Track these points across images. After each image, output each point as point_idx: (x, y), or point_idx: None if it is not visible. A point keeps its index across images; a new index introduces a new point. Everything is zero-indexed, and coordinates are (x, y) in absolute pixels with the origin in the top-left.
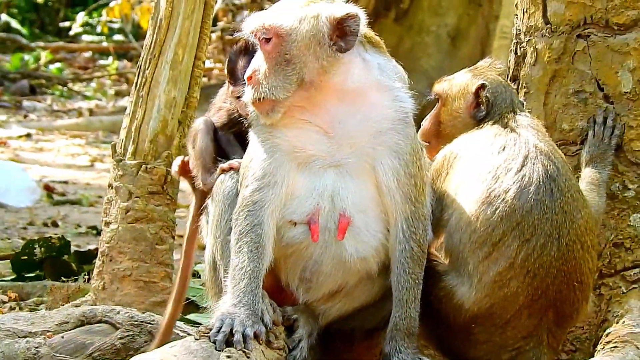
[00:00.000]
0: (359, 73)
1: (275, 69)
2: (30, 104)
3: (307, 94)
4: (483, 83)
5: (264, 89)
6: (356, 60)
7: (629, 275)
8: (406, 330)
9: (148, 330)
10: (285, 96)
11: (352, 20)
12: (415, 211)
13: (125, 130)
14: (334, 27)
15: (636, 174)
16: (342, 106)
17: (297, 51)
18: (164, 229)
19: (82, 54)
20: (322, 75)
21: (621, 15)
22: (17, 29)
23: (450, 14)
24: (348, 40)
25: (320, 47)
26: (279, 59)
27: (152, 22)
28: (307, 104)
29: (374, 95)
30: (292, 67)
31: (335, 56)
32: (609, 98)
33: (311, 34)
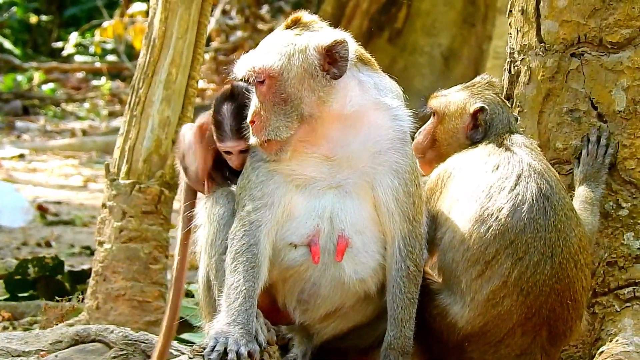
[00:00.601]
0: (357, 95)
1: (275, 110)
2: (24, 124)
3: (309, 127)
4: (482, 106)
5: (268, 132)
6: (352, 83)
7: (623, 294)
8: (400, 349)
9: (142, 349)
10: (289, 135)
11: (341, 46)
12: (412, 230)
13: (119, 149)
14: (324, 56)
15: (630, 193)
16: (343, 131)
17: (292, 89)
18: (158, 249)
19: (75, 74)
20: (321, 105)
21: (615, 34)
22: (10, 49)
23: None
24: (340, 67)
25: (314, 79)
26: (275, 99)
27: (145, 41)
28: (310, 137)
29: (373, 115)
30: (290, 105)
31: (331, 84)
32: (602, 117)
33: (302, 68)
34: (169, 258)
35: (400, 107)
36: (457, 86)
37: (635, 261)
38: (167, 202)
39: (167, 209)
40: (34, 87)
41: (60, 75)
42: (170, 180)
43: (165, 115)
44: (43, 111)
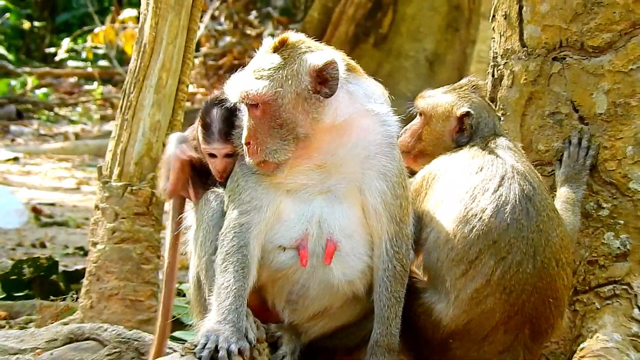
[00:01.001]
0: (347, 106)
1: (271, 133)
2: (18, 128)
3: (304, 144)
4: (468, 111)
5: (265, 154)
6: (341, 95)
7: (603, 291)
8: (387, 346)
9: (135, 347)
10: (287, 157)
11: (331, 67)
12: (399, 231)
13: (111, 153)
14: (315, 78)
15: (610, 194)
16: (333, 140)
17: (286, 114)
18: (150, 249)
19: (67, 79)
20: (315, 124)
21: (596, 38)
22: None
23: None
24: (331, 86)
25: (307, 102)
26: (271, 123)
27: (136, 47)
28: (304, 152)
29: (362, 122)
30: (285, 128)
31: (323, 103)
32: (583, 119)
33: (296, 93)
34: (160, 258)
35: (388, 112)
36: (444, 87)
37: (615, 260)
38: (158, 204)
39: (159, 211)
40: (28, 92)
41: (53, 80)
42: None
43: (156, 119)
44: (36, 115)
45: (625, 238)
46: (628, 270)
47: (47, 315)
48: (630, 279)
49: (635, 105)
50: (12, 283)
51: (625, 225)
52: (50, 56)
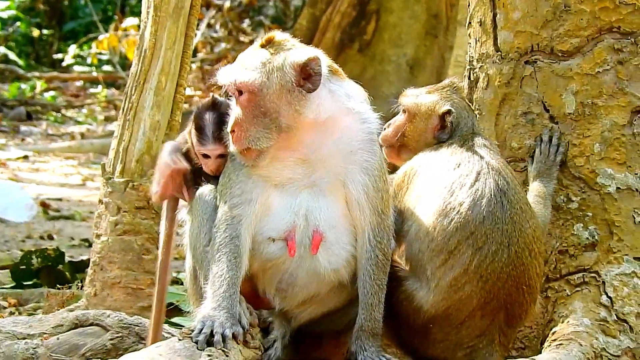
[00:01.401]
0: (329, 104)
1: (255, 121)
2: (27, 128)
3: (287, 136)
4: (450, 109)
5: (248, 141)
6: (323, 93)
7: (573, 279)
8: (371, 330)
9: (136, 332)
10: (268, 145)
11: (314, 63)
12: (381, 222)
13: (114, 151)
14: (299, 72)
15: (579, 187)
16: (317, 136)
17: (270, 103)
18: (150, 241)
19: (74, 83)
20: (297, 117)
21: (565, 43)
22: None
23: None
24: (314, 81)
25: (291, 94)
26: (255, 111)
27: (137, 52)
28: (287, 144)
29: (344, 120)
30: (269, 117)
31: (306, 97)
32: (554, 118)
33: (280, 85)
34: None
35: (368, 111)
36: (427, 87)
37: (584, 250)
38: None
39: (158, 205)
40: (37, 95)
41: (61, 84)
42: None
43: (156, 120)
44: (45, 117)
45: (594, 229)
46: (596, 259)
47: (54, 303)
48: (598, 268)
49: (602, 106)
50: (22, 272)
51: (594, 217)
52: (58, 61)
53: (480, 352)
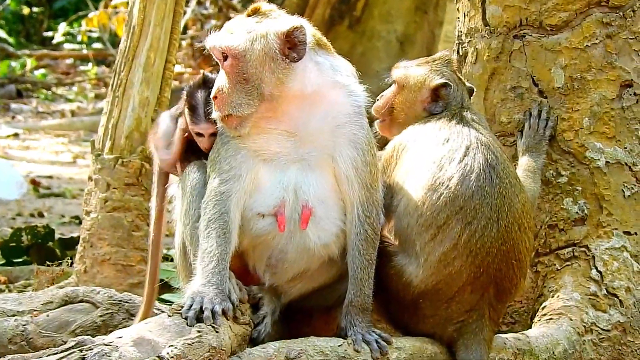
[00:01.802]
0: (315, 76)
1: (237, 88)
2: (18, 106)
3: (270, 105)
4: (446, 82)
5: (230, 107)
6: (310, 66)
7: (563, 254)
8: (360, 306)
9: (126, 308)
10: (249, 112)
11: (299, 32)
12: (369, 197)
13: (103, 127)
14: (283, 41)
15: (568, 162)
16: (304, 109)
17: (253, 69)
18: (140, 217)
19: (64, 60)
20: (280, 86)
21: (554, 17)
22: (5, 38)
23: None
24: (299, 50)
25: (274, 62)
26: (237, 77)
27: (126, 29)
28: (272, 114)
29: (331, 93)
30: (251, 84)
31: (290, 66)
32: (543, 93)
33: (263, 52)
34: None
35: (355, 84)
36: (420, 59)
37: (574, 224)
38: (148, 175)
39: (148, 181)
40: (27, 73)
41: (51, 62)
42: (150, 154)
43: (145, 96)
44: (35, 94)
45: (583, 203)
46: (586, 233)
47: (44, 280)
48: (588, 242)
49: (591, 80)
50: (12, 250)
51: (583, 192)
52: (48, 39)
53: (470, 327)
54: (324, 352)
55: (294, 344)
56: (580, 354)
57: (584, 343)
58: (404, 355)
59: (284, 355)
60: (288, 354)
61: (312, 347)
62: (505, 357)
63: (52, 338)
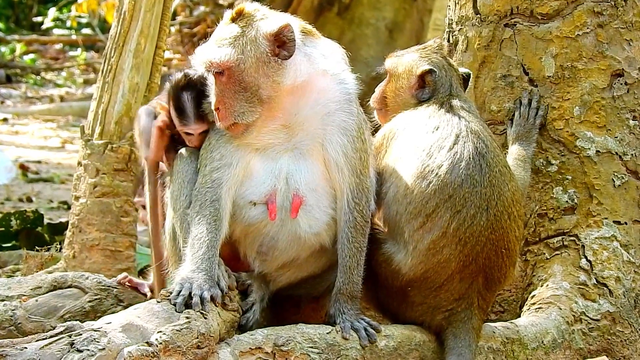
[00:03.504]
0: (305, 67)
1: (237, 97)
2: (7, 91)
3: (269, 106)
4: (431, 68)
5: (234, 117)
6: (299, 58)
7: (552, 243)
8: (349, 293)
9: (114, 294)
10: (254, 118)
11: (287, 30)
12: (359, 183)
13: (93, 113)
14: (272, 42)
15: (558, 151)
16: (295, 100)
17: (249, 77)
18: (129, 203)
19: (53, 46)
20: (276, 87)
21: (544, 6)
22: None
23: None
24: (288, 48)
25: (267, 66)
26: (236, 87)
27: (116, 14)
28: (270, 113)
29: (320, 81)
30: (249, 91)
31: (282, 65)
32: (533, 81)
33: (256, 57)
34: (138, 211)
35: (344, 71)
36: (412, 47)
37: (563, 213)
38: (137, 161)
39: (137, 167)
40: (16, 58)
41: (40, 47)
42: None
43: (135, 82)
44: (24, 79)
45: (573, 192)
46: (576, 222)
47: (33, 265)
48: (577, 231)
49: (582, 69)
50: (0, 235)
51: (573, 181)
52: (38, 25)
53: (458, 315)
54: (312, 339)
55: (283, 331)
56: (570, 344)
57: (573, 332)
58: (393, 342)
59: (272, 342)
60: (276, 341)
61: (301, 334)
62: (494, 345)
63: (41, 323)
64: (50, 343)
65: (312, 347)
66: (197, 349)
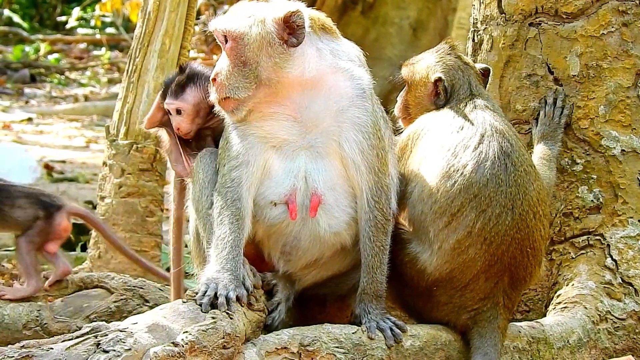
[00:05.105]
0: (315, 62)
1: (234, 71)
2: (31, 91)
3: (269, 90)
4: (439, 76)
5: (227, 89)
6: (310, 51)
7: (578, 242)
8: (374, 293)
9: (140, 294)
10: (246, 95)
11: (296, 16)
12: (378, 181)
13: (118, 113)
14: (281, 26)
15: (584, 150)
16: (305, 94)
17: (250, 53)
18: (154, 203)
19: (77, 45)
20: (278, 71)
21: (569, 5)
22: (19, 23)
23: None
24: (298, 35)
25: (271, 47)
26: (236, 61)
27: (141, 14)
28: (273, 98)
29: (331, 78)
30: (248, 67)
31: (288, 51)
32: (558, 81)
33: (261, 36)
34: (163, 211)
35: (356, 67)
36: (425, 53)
37: (589, 212)
38: (162, 160)
39: (162, 167)
40: (41, 57)
41: (64, 46)
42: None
43: (160, 82)
44: (49, 79)
45: (598, 192)
46: (601, 222)
47: None
48: (603, 230)
49: (607, 68)
50: None
51: (598, 180)
52: (62, 24)
53: (484, 315)
54: (338, 339)
55: (308, 331)
56: (595, 343)
57: (599, 332)
58: (418, 342)
59: (298, 342)
60: (302, 341)
61: (327, 334)
62: (520, 345)
63: (67, 323)
64: (76, 343)
65: (338, 347)
66: (223, 349)
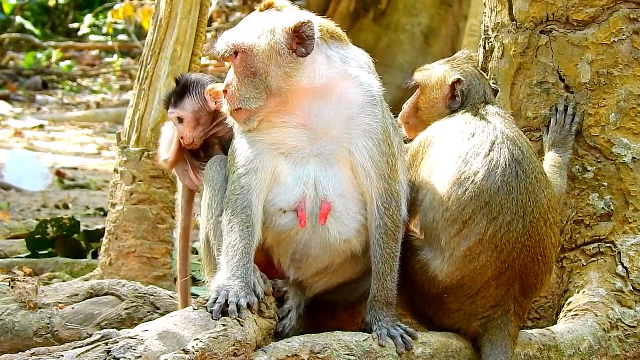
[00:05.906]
0: (325, 69)
1: (245, 82)
2: (43, 97)
3: (280, 99)
4: (459, 78)
5: (238, 101)
6: (319, 59)
7: (589, 249)
8: (384, 300)
9: (151, 301)
10: (257, 105)
11: (306, 27)
12: (388, 188)
13: (129, 120)
14: (291, 36)
15: (594, 157)
16: (314, 101)
17: (260, 64)
18: (165, 210)
19: (89, 52)
20: (288, 80)
21: (580, 12)
22: (31, 29)
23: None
24: (307, 45)
25: (281, 57)
26: (246, 72)
27: (152, 21)
28: (283, 107)
29: (340, 85)
30: (258, 78)
31: (298, 61)
32: (569, 88)
33: (270, 46)
34: (174, 218)
35: (365, 74)
36: (440, 60)
37: (599, 219)
38: None
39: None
40: (52, 64)
41: (76, 53)
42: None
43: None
44: (60, 86)
45: (609, 199)
46: (612, 229)
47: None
48: (614, 238)
49: (617, 75)
50: (37, 242)
51: (609, 187)
52: (74, 31)
53: (495, 322)
54: (348, 346)
55: (319, 338)
56: (606, 350)
57: (610, 339)
58: (429, 350)
59: (309, 349)
60: (313, 348)
61: (337, 342)
62: (531, 352)
63: (78, 330)
64: (86, 351)
65: (349, 354)
66: (234, 357)
